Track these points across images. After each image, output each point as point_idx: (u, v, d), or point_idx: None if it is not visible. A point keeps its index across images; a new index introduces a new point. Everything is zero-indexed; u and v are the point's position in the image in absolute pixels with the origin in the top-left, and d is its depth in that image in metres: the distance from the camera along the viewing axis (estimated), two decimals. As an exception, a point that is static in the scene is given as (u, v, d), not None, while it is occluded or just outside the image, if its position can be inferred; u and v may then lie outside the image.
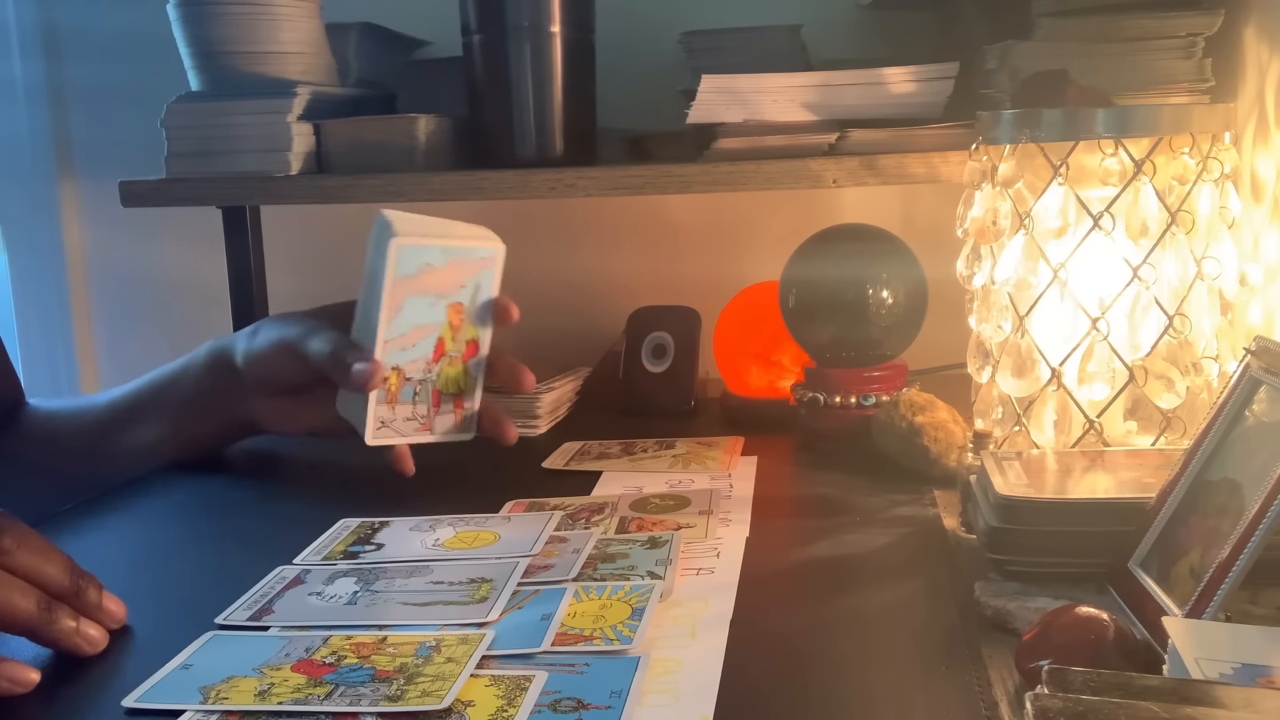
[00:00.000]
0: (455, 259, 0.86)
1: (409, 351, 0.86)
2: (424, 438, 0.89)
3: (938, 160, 1.07)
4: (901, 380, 1.04)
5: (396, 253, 0.83)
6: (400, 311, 0.84)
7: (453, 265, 0.86)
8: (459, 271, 0.87)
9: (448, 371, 0.88)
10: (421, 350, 0.87)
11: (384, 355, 0.85)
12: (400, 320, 0.85)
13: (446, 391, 0.89)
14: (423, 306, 0.86)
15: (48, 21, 1.53)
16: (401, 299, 0.84)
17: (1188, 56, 1.01)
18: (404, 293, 0.84)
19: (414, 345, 0.86)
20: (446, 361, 0.88)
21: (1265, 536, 0.56)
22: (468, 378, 0.90)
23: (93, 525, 0.90)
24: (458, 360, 0.89)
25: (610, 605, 0.67)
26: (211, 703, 0.58)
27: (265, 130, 1.18)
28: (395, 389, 0.86)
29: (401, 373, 0.86)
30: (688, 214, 1.44)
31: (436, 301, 0.86)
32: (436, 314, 0.87)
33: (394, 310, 0.84)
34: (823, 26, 1.30)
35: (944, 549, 0.78)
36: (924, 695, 0.58)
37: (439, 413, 0.89)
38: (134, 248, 1.54)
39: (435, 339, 0.87)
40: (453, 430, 0.91)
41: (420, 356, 0.87)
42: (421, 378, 0.87)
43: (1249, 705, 0.44)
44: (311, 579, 0.74)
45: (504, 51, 1.18)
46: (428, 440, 0.89)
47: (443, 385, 0.88)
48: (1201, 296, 0.87)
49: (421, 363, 0.87)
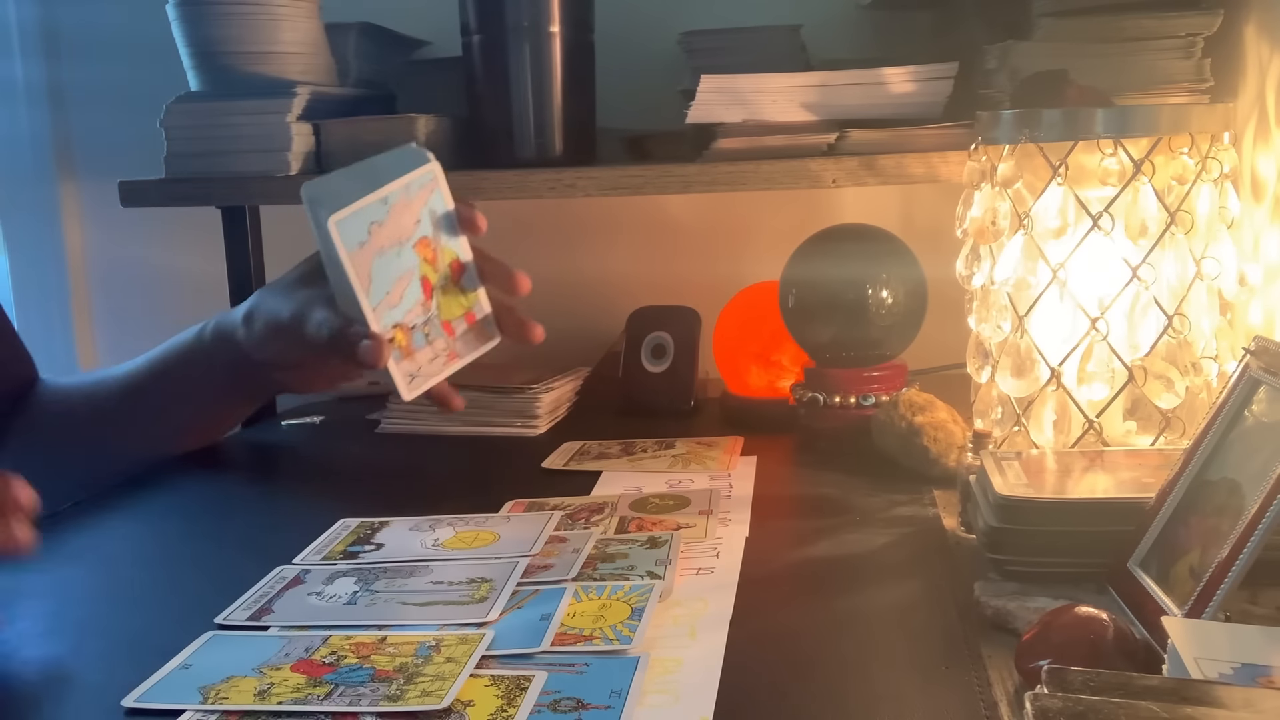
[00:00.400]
0: (397, 203, 0.84)
1: (401, 306, 0.85)
2: (454, 366, 0.88)
3: (937, 160, 1.07)
4: (901, 380, 1.04)
5: (338, 230, 0.82)
6: (373, 277, 0.83)
7: (397, 210, 0.84)
8: (406, 212, 0.85)
9: (445, 300, 0.87)
10: (411, 297, 0.86)
11: (380, 323, 0.84)
12: (378, 284, 0.84)
13: (453, 317, 0.88)
14: (391, 260, 0.84)
15: (48, 21, 1.53)
16: (367, 265, 0.83)
17: (1187, 56, 1.01)
18: (366, 259, 0.83)
19: (402, 298, 0.85)
20: (439, 292, 0.87)
21: (1265, 536, 0.56)
22: (465, 294, 0.88)
23: (93, 525, 0.90)
24: (450, 285, 0.87)
25: (610, 605, 0.67)
26: (211, 703, 0.58)
27: (265, 130, 1.18)
28: (406, 343, 0.85)
29: (404, 327, 0.85)
30: (687, 214, 1.44)
31: (401, 249, 0.85)
32: (407, 259, 0.85)
33: (366, 279, 0.83)
34: (822, 26, 1.30)
35: (944, 549, 0.78)
36: (924, 695, 0.58)
37: (456, 337, 0.88)
38: (134, 248, 1.54)
39: (418, 281, 0.86)
40: (475, 343, 0.89)
41: (413, 303, 0.86)
42: (425, 319, 0.86)
43: (1249, 705, 0.44)
44: (311, 579, 0.74)
45: (504, 51, 1.18)
46: (459, 365, 0.88)
47: (447, 314, 0.87)
48: (1201, 296, 0.87)
49: (417, 308, 0.86)
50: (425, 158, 0.86)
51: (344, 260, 0.82)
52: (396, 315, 0.84)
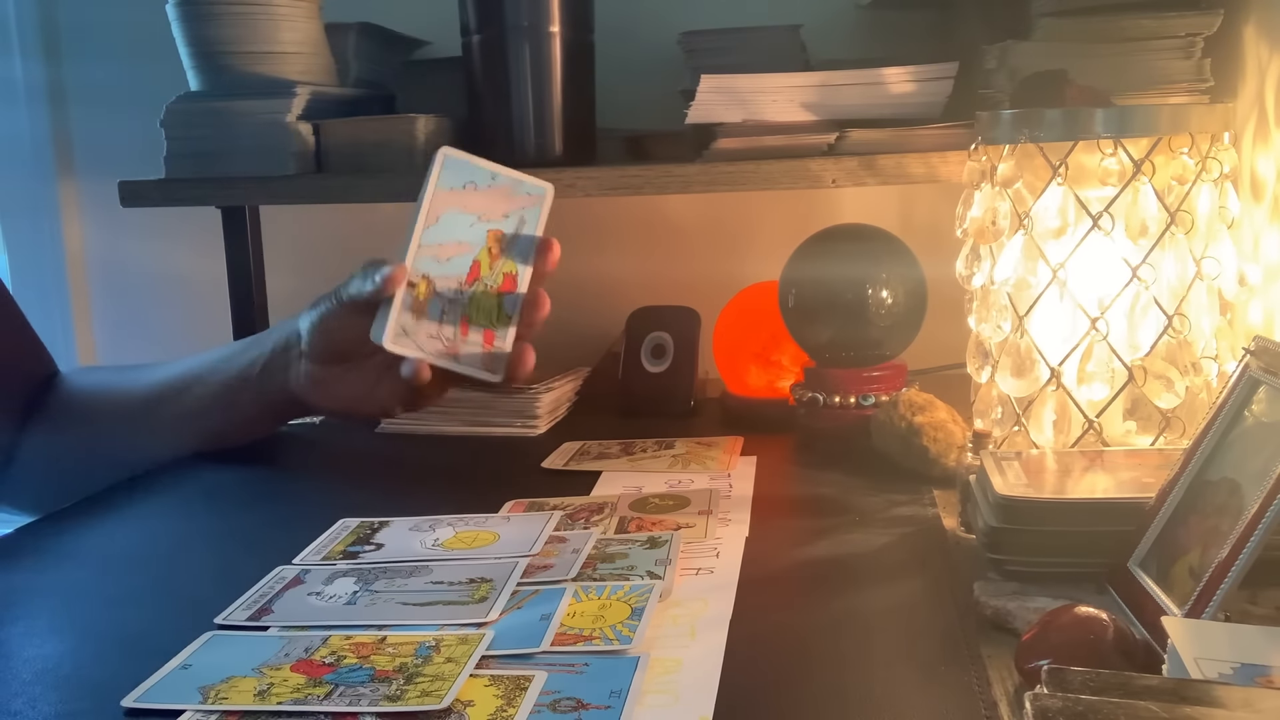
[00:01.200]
0: (501, 185, 0.88)
1: (443, 265, 0.87)
2: (446, 361, 0.88)
3: (937, 160, 1.07)
4: (901, 380, 1.04)
5: (441, 161, 0.86)
6: (438, 222, 0.86)
7: (497, 191, 0.88)
8: (503, 199, 0.88)
9: (480, 299, 0.88)
10: (456, 267, 0.87)
11: (415, 260, 0.86)
12: (437, 230, 0.86)
13: (476, 321, 0.88)
14: (462, 223, 0.87)
15: (48, 21, 1.53)
16: (441, 210, 0.86)
17: (1187, 56, 1.01)
18: (444, 204, 0.86)
19: (448, 260, 0.87)
20: (480, 287, 0.88)
21: (1265, 536, 0.56)
22: (500, 312, 0.89)
23: (93, 525, 0.90)
24: (492, 291, 0.89)
25: (610, 605, 0.67)
26: (211, 703, 0.58)
27: (265, 130, 1.18)
28: (423, 297, 0.86)
29: (431, 283, 0.86)
30: (687, 214, 1.44)
31: (477, 222, 0.88)
32: (476, 234, 0.88)
33: (432, 218, 0.86)
34: (822, 26, 1.30)
35: (943, 549, 0.78)
36: (924, 695, 0.58)
37: (466, 341, 0.88)
38: (134, 248, 1.54)
39: (471, 260, 0.88)
40: (479, 364, 0.89)
41: (454, 273, 0.87)
42: (452, 296, 0.87)
43: (1248, 705, 0.44)
44: (311, 579, 0.74)
45: (503, 51, 1.18)
46: (450, 365, 0.88)
47: (473, 313, 0.88)
48: (1201, 296, 0.87)
49: (454, 280, 0.87)
50: (549, 185, 0.90)
51: (428, 188, 0.86)
52: (433, 268, 0.87)
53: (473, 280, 0.88)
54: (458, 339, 0.88)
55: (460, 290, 0.88)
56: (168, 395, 1.02)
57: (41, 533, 0.87)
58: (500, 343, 0.89)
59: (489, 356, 0.89)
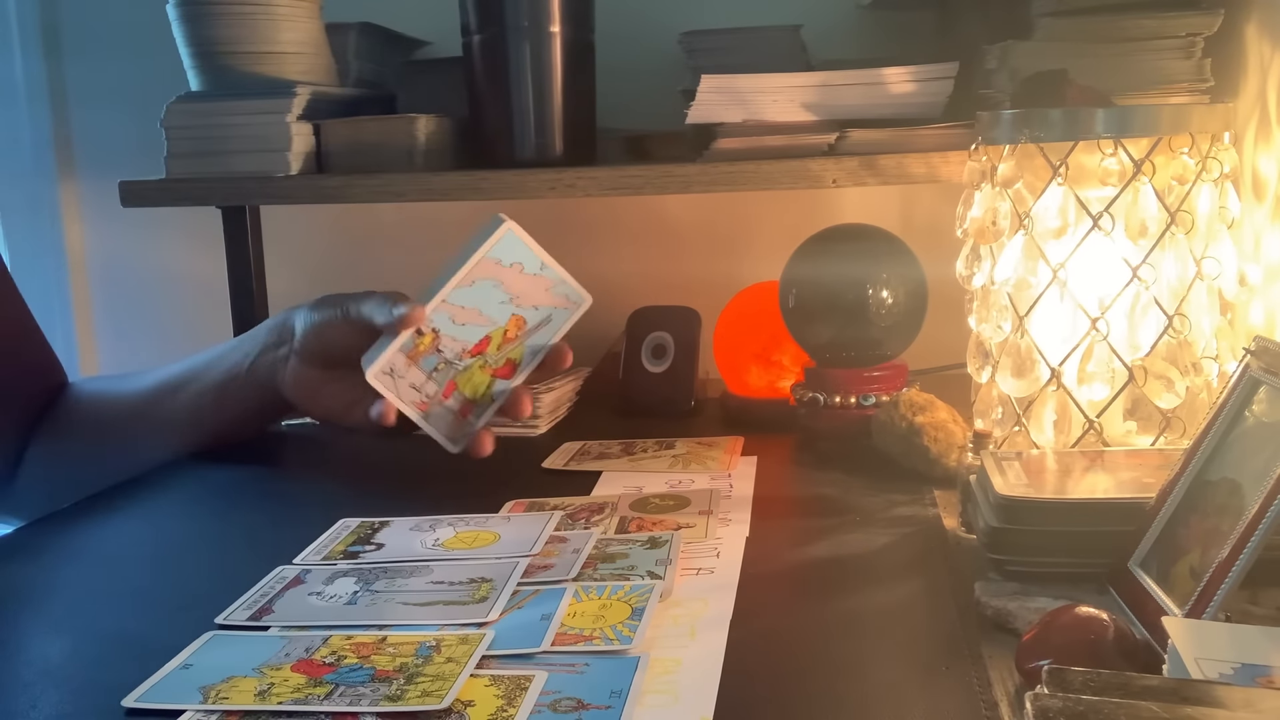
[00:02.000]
0: (547, 277, 0.89)
1: (456, 327, 0.88)
2: (415, 414, 0.89)
3: (937, 160, 1.07)
4: (901, 380, 1.04)
5: (503, 234, 0.87)
6: (472, 287, 0.87)
7: (541, 281, 0.89)
8: (542, 291, 0.89)
9: (475, 373, 0.89)
10: (468, 334, 0.88)
11: (433, 311, 0.87)
12: (467, 294, 0.87)
13: (461, 391, 0.89)
14: (494, 298, 0.88)
15: (48, 21, 1.53)
16: (480, 276, 0.87)
17: (1187, 56, 1.01)
18: (485, 273, 0.87)
19: (464, 325, 0.88)
20: (480, 362, 0.89)
21: (1265, 536, 0.56)
22: (487, 393, 0.90)
23: (93, 525, 0.90)
24: (489, 370, 0.89)
25: (610, 605, 0.67)
26: (211, 703, 0.58)
27: (265, 130, 1.18)
28: (424, 349, 0.87)
29: (438, 338, 0.87)
30: (688, 214, 1.44)
31: (508, 302, 0.88)
32: (502, 313, 0.89)
33: (467, 281, 0.87)
34: (823, 26, 1.30)
35: (944, 549, 0.78)
36: (924, 695, 0.58)
37: (443, 405, 0.89)
38: (134, 248, 1.54)
39: (484, 334, 0.89)
40: (444, 430, 0.91)
41: (463, 339, 0.88)
42: (450, 359, 0.88)
43: (1249, 705, 0.44)
44: (311, 579, 0.74)
45: (504, 51, 1.18)
46: (417, 420, 0.89)
47: (462, 382, 0.89)
48: (1201, 296, 0.87)
49: (460, 345, 0.88)
50: (589, 297, 0.92)
51: (477, 252, 0.87)
52: (445, 326, 0.88)
53: (477, 353, 0.88)
54: (436, 399, 0.88)
55: (460, 357, 0.88)
56: (163, 396, 1.03)
57: (42, 533, 0.87)
58: (474, 420, 0.90)
59: (456, 427, 0.90)
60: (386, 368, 0.87)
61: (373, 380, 0.87)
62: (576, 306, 0.90)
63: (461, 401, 0.89)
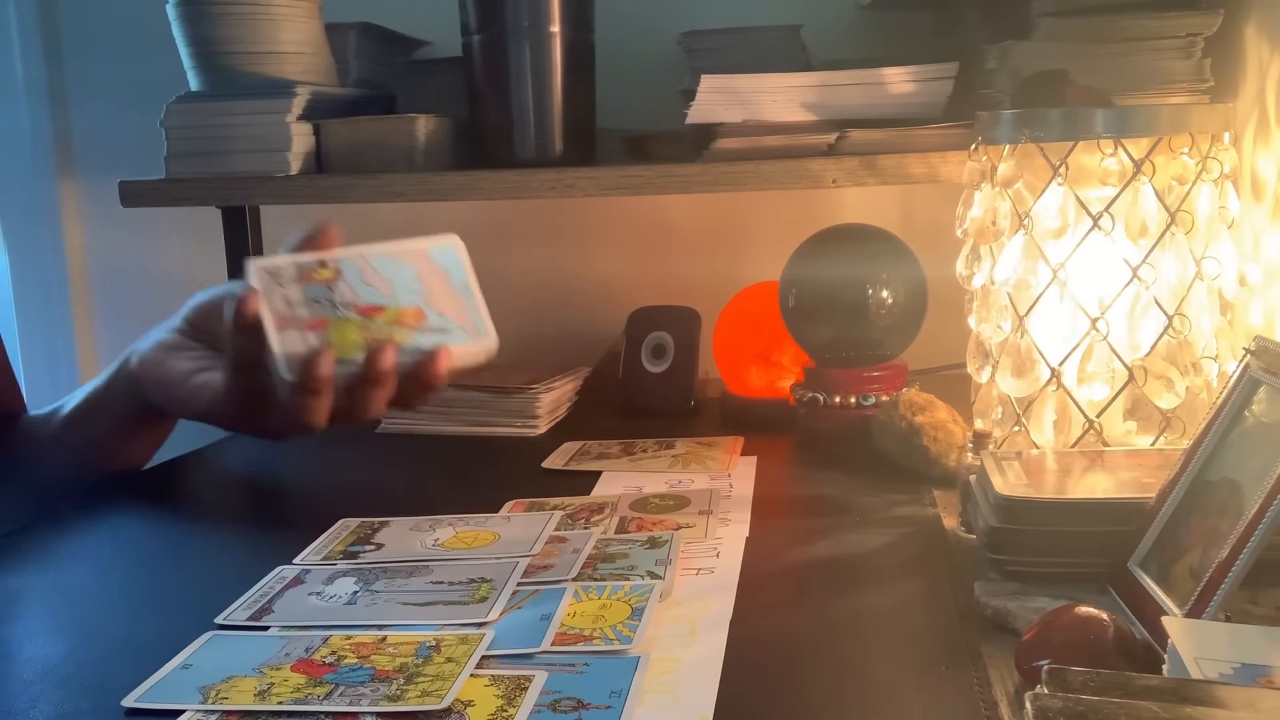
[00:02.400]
0: (465, 300, 0.84)
1: (360, 284, 0.83)
2: (270, 322, 0.80)
3: (937, 160, 1.07)
4: (901, 380, 1.04)
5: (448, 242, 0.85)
6: (394, 261, 0.84)
7: (458, 299, 0.84)
8: (455, 309, 0.84)
9: (350, 328, 0.81)
10: (367, 294, 0.83)
11: (349, 255, 0.83)
12: (387, 264, 0.83)
13: (327, 334, 0.81)
14: (409, 282, 0.83)
15: (48, 21, 1.53)
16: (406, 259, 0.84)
17: (1187, 56, 1.01)
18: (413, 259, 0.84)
19: (368, 285, 0.83)
20: (361, 323, 0.82)
21: (1265, 536, 0.56)
22: (349, 353, 0.81)
23: (93, 525, 0.90)
24: (365, 333, 0.82)
25: (610, 605, 0.67)
26: (211, 703, 0.58)
27: (265, 130, 1.18)
28: (317, 278, 0.82)
29: (338, 279, 0.82)
30: (688, 214, 1.44)
31: (418, 293, 0.83)
32: (407, 297, 0.83)
33: (394, 255, 0.84)
34: (823, 26, 1.30)
35: (944, 549, 0.78)
36: (924, 695, 0.58)
37: (301, 332, 0.81)
38: (134, 247, 1.54)
39: (381, 304, 0.83)
40: (286, 354, 0.80)
41: (360, 295, 0.82)
42: (337, 302, 0.82)
43: (1249, 705, 0.44)
44: (311, 579, 0.74)
45: (504, 51, 1.18)
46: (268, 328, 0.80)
47: (334, 328, 0.81)
48: (1201, 296, 0.87)
49: (352, 298, 0.82)
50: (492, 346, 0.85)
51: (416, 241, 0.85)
52: (351, 275, 0.83)
53: (366, 312, 0.82)
54: (300, 323, 0.81)
55: (347, 306, 0.82)
56: (60, 433, 0.99)
57: (41, 533, 0.87)
58: (322, 365, 0.80)
59: (301, 361, 0.80)
60: (272, 267, 0.81)
61: (253, 271, 0.80)
62: (478, 339, 0.83)
63: (322, 342, 0.80)
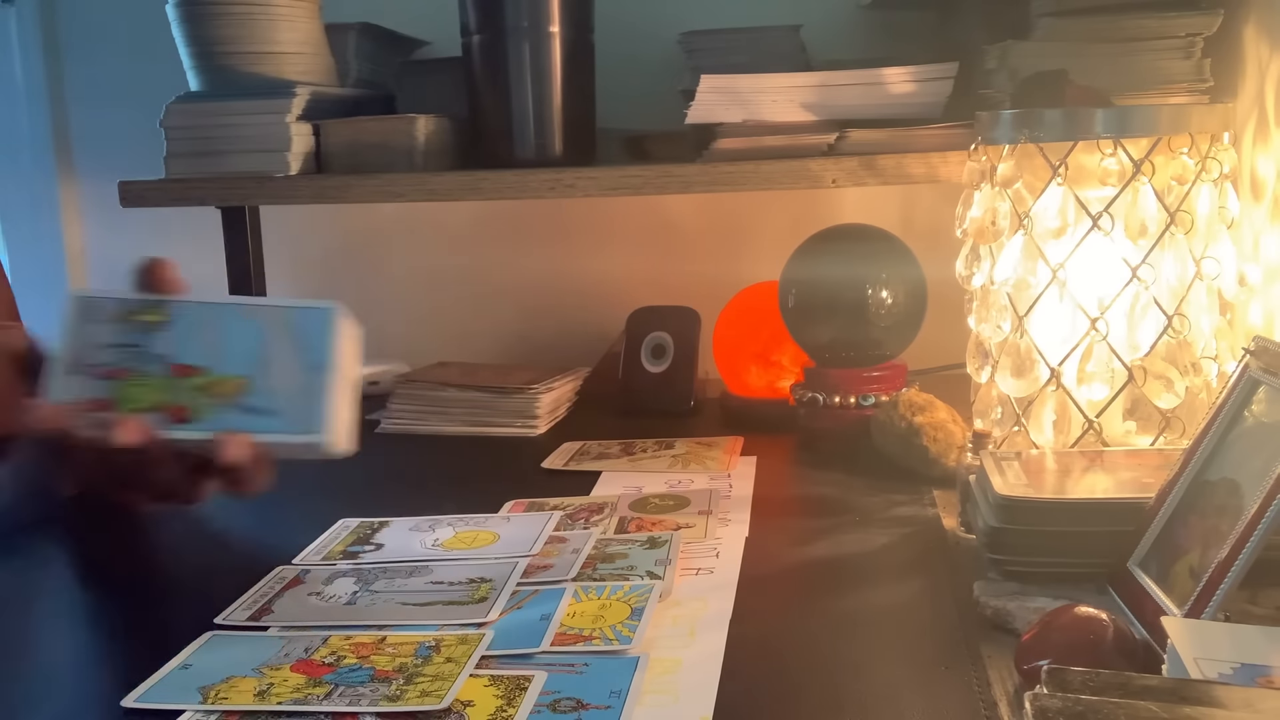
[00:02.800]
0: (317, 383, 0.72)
1: (188, 336, 0.72)
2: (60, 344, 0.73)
3: (937, 160, 1.07)
4: (901, 380, 1.04)
5: (323, 306, 0.74)
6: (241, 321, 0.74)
7: (307, 381, 0.73)
8: (299, 389, 0.73)
9: (147, 389, 0.71)
10: (187, 351, 0.72)
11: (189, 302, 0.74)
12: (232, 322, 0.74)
13: (114, 392, 0.72)
14: (247, 346, 0.73)
15: (48, 21, 1.53)
16: (258, 319, 0.74)
17: (1187, 56, 1.01)
18: (268, 321, 0.73)
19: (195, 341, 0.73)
20: (163, 384, 0.72)
21: (1264, 536, 0.56)
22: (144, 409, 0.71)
23: (93, 525, 0.90)
24: (159, 398, 0.72)
25: (609, 605, 0.67)
26: (211, 703, 0.58)
27: (265, 130, 1.18)
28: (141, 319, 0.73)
29: (164, 327, 0.72)
30: (688, 214, 1.44)
31: (254, 362, 0.73)
32: (237, 364, 0.72)
33: (245, 312, 0.74)
34: (823, 26, 1.30)
35: (944, 549, 0.78)
36: (924, 695, 0.58)
37: (84, 377, 0.72)
38: (134, 247, 1.53)
39: (200, 366, 0.72)
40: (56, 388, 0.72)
41: (178, 351, 0.72)
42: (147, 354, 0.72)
43: (1248, 705, 0.44)
44: (311, 579, 0.74)
45: (503, 52, 1.18)
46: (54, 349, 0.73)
47: (127, 386, 0.72)
48: (1200, 296, 0.87)
49: (167, 353, 0.72)
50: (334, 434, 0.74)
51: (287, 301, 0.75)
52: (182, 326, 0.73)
53: (178, 371, 0.72)
54: (86, 368, 0.72)
55: (159, 360, 0.72)
56: None
57: (41, 533, 0.87)
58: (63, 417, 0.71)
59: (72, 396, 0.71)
60: (91, 300, 0.72)
61: (69, 300, 0.72)
62: (303, 434, 0.71)
63: (104, 396, 0.71)
